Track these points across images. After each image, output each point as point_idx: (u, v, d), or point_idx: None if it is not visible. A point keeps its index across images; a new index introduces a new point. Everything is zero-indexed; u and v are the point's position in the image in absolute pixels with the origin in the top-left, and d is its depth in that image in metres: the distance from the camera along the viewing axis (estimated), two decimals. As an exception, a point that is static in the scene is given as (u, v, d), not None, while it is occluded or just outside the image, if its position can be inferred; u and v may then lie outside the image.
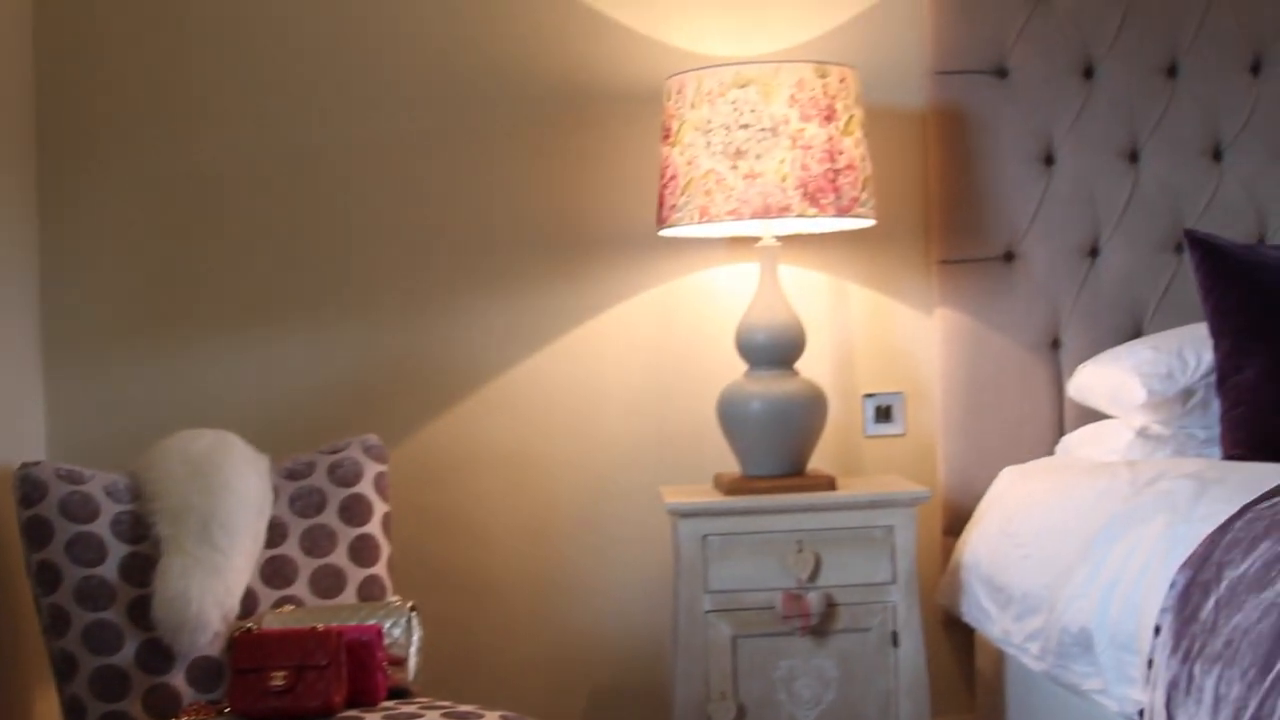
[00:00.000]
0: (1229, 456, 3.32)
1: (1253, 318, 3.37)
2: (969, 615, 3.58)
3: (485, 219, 3.80)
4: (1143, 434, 3.52)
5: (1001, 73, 3.83)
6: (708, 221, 3.37)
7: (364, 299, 3.78)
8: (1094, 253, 3.86)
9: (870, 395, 3.90)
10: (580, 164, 3.81)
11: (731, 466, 3.62)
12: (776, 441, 3.49)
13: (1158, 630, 2.56)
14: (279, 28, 3.76)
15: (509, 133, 3.81)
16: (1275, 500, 2.59)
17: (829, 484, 3.48)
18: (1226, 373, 3.37)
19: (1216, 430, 3.41)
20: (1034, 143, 3.83)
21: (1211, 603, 2.43)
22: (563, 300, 3.82)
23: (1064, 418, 3.83)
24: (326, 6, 3.77)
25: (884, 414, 3.91)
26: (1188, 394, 3.49)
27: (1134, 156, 3.88)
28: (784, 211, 3.34)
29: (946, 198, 3.82)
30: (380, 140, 3.78)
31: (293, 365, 3.76)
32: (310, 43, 3.77)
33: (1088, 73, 3.87)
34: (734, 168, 3.34)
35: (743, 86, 3.36)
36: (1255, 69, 3.93)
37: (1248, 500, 2.65)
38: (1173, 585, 2.57)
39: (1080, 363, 3.73)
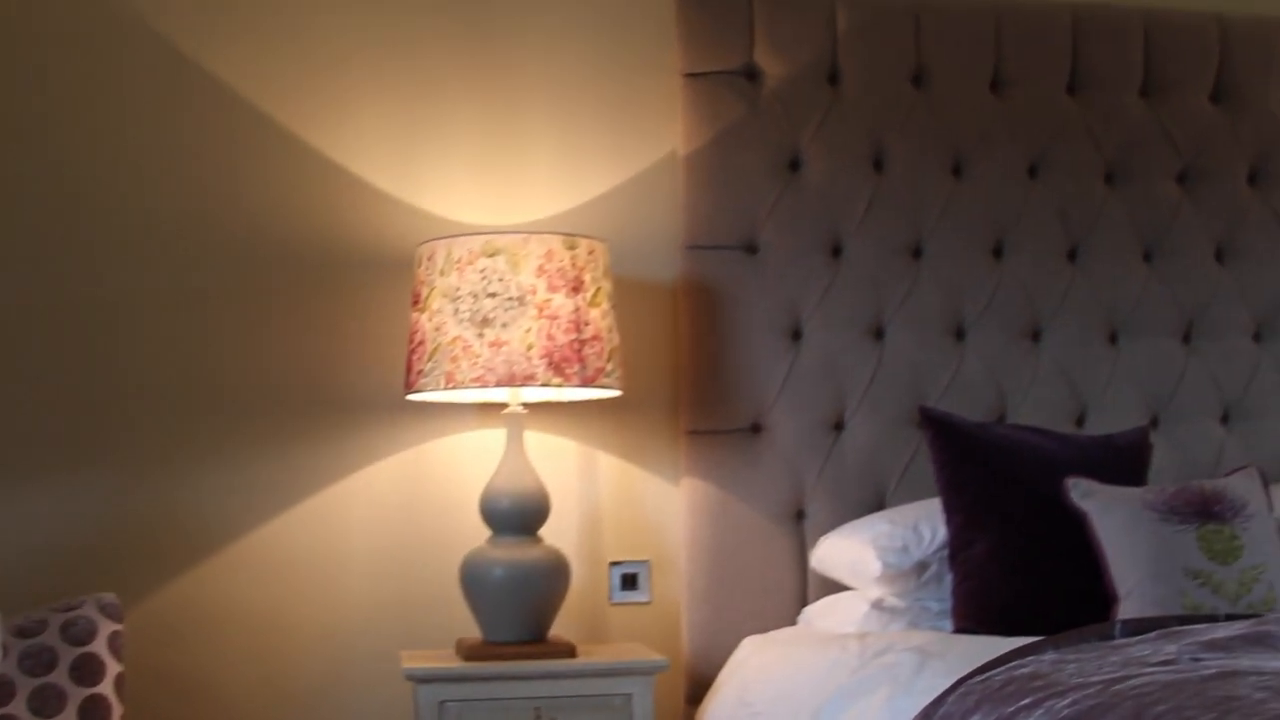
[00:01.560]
0: (959, 630, 3.47)
1: (983, 494, 3.55)
2: (709, 784, 3.66)
3: (236, 377, 3.83)
4: (878, 606, 3.65)
5: (752, 249, 3.99)
6: (453, 388, 3.45)
7: (109, 453, 3.77)
8: (839, 426, 4.01)
9: (616, 563, 3.99)
10: (333, 326, 3.86)
11: (475, 632, 3.67)
12: (518, 608, 3.56)
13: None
14: (49, 172, 3.77)
15: (265, 291, 3.85)
16: (989, 674, 2.71)
17: (569, 651, 3.55)
18: (958, 547, 3.53)
19: (950, 603, 3.56)
20: (783, 317, 3.99)
21: (922, 775, 2.55)
22: (310, 461, 3.85)
23: (807, 588, 3.95)
24: (90, 154, 3.79)
25: (630, 581, 4.00)
26: (922, 567, 3.63)
27: (879, 333, 4.06)
28: (529, 380, 3.44)
29: (696, 370, 3.95)
30: (137, 293, 3.79)
31: (31, 518, 3.72)
32: (76, 187, 3.77)
33: (836, 251, 4.05)
34: (480, 335, 3.44)
35: (492, 255, 3.47)
36: (997, 252, 4.15)
37: (964, 673, 2.78)
38: (889, 758, 2.68)
39: (823, 534, 3.87)
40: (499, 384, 3.44)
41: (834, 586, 3.86)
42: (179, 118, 3.84)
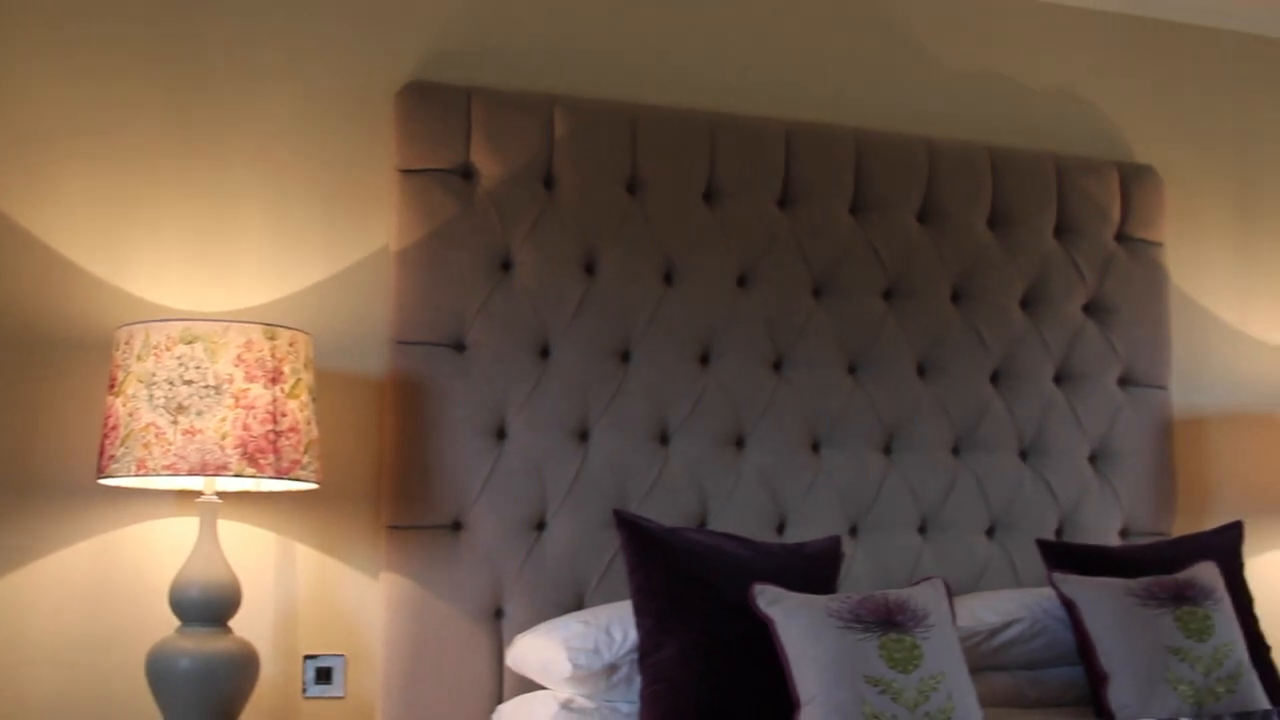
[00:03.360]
0: (645, 732, 3.58)
1: (673, 598, 3.67)
2: None
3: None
4: (567, 707, 3.73)
5: (460, 346, 4.08)
6: (144, 474, 3.48)
7: None
8: (541, 526, 4.10)
9: (311, 656, 4.02)
10: (29, 406, 3.83)
11: (161, 725, 3.67)
12: (203, 700, 3.55)
13: None
14: None
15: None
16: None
17: (254, 746, 3.58)
18: (647, 650, 3.65)
19: (639, 706, 3.67)
20: (488, 416, 4.08)
21: None
22: (-1, 543, 3.82)
23: (503, 687, 4.02)
24: None
25: (324, 675, 4.03)
26: (613, 669, 3.73)
27: (584, 435, 4.17)
28: (221, 469, 3.48)
29: (398, 464, 4.01)
30: None
31: None
32: None
33: (544, 352, 4.16)
34: (174, 422, 3.47)
35: (190, 343, 3.51)
36: (704, 359, 4.30)
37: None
38: None
39: (521, 633, 3.95)
40: (191, 472, 3.47)
41: (532, 685, 3.93)
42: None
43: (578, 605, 4.08)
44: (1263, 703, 3.99)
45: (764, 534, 4.25)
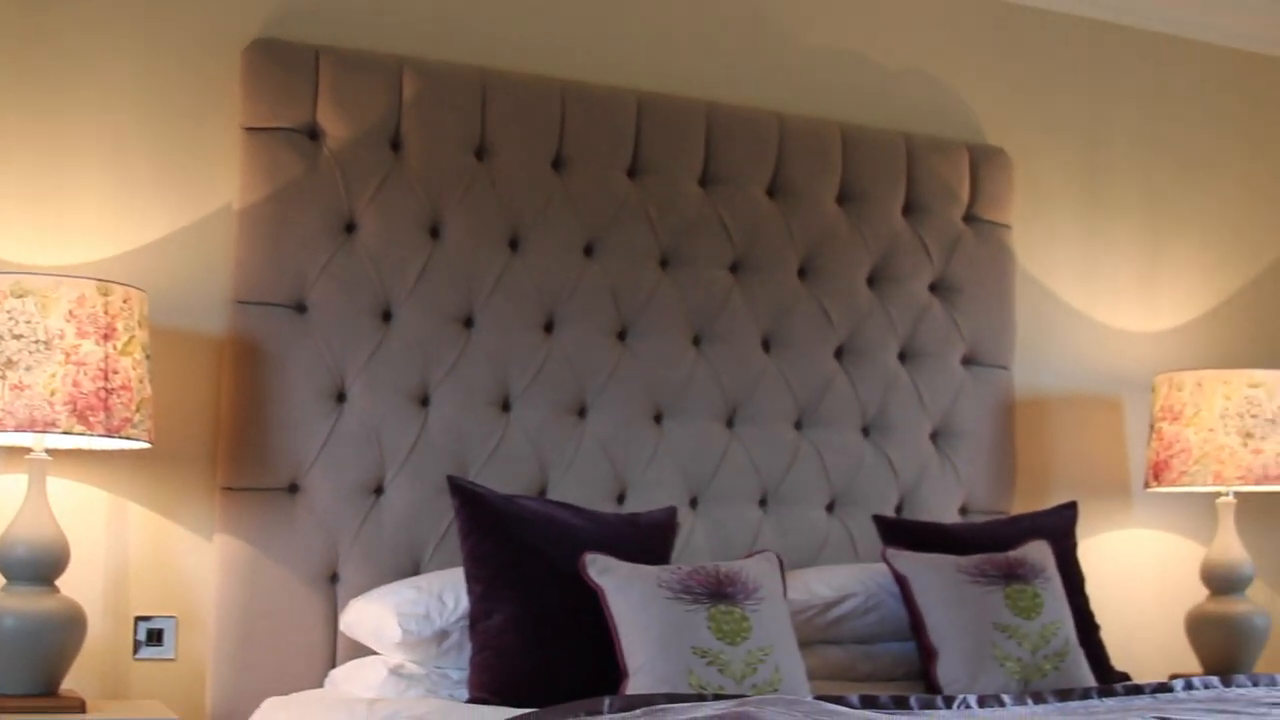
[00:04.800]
0: (474, 699, 3.61)
1: (504, 565, 3.71)
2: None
3: None
4: (397, 672, 3.76)
5: (301, 308, 4.08)
6: (-29, 430, 3.47)
7: None
8: (379, 490, 4.13)
9: (143, 618, 4.02)
10: None
11: (-13, 682, 3.66)
12: (28, 659, 3.55)
13: None
14: None
15: None
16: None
17: (78, 706, 3.56)
18: (477, 617, 3.69)
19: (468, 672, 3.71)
20: (327, 378, 4.09)
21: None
22: None
23: (338, 652, 4.05)
24: None
25: (155, 637, 4.03)
26: (444, 635, 3.76)
27: (425, 400, 4.20)
28: (50, 426, 3.47)
29: (235, 425, 4.01)
30: None
31: None
32: None
33: (386, 315, 4.18)
34: (3, 378, 3.46)
35: (20, 296, 3.50)
36: (548, 327, 4.34)
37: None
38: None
39: (355, 598, 3.98)
40: (19, 429, 3.46)
41: (366, 650, 3.96)
42: None
43: (415, 571, 4.11)
44: (1089, 680, 4.11)
45: (604, 504, 4.30)
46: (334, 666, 4.02)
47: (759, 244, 4.64)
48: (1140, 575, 5.32)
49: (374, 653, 3.92)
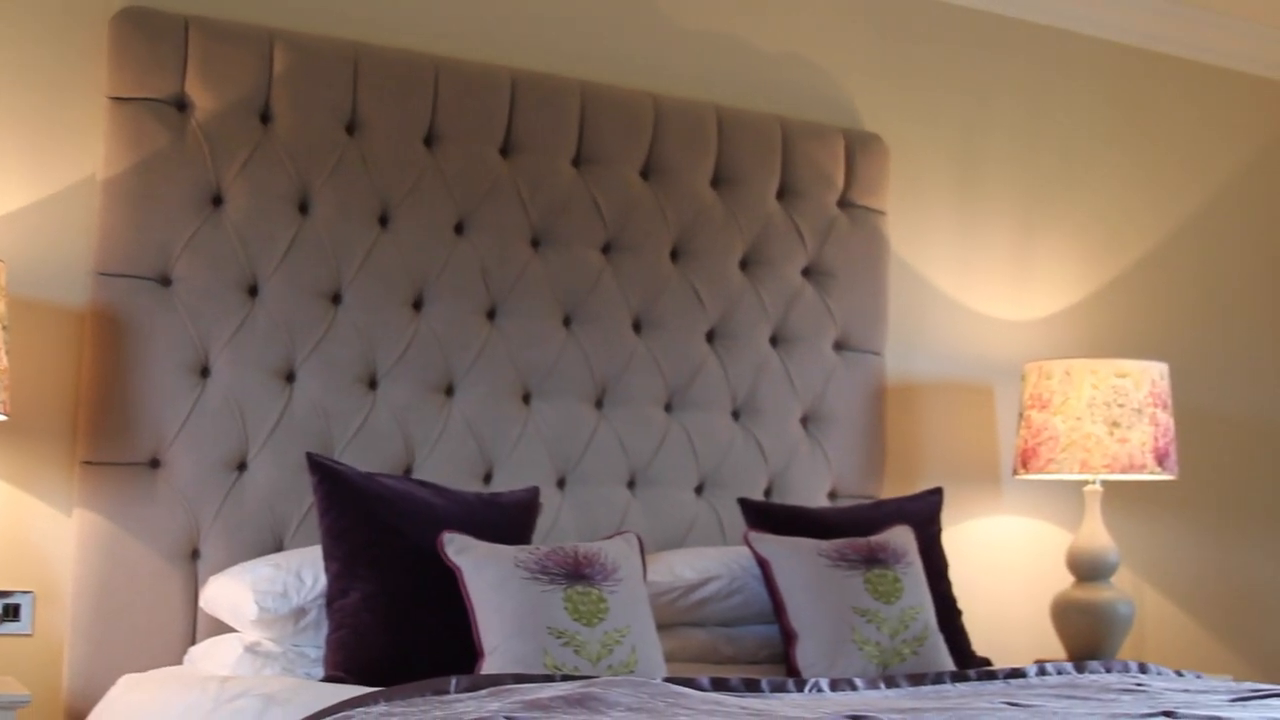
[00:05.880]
0: (329, 678, 3.61)
1: (362, 544, 3.72)
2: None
3: None
4: (253, 650, 3.76)
5: (165, 281, 4.06)
6: None
7: None
8: (242, 467, 4.12)
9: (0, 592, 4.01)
10: None
11: None
12: (-125, 633, 3.55)
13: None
14: None
15: None
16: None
17: (-73, 681, 3.56)
18: (334, 595, 3.70)
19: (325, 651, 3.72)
20: (191, 353, 4.07)
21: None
22: None
23: (198, 629, 4.04)
24: None
25: (12, 612, 4.00)
26: (301, 613, 3.77)
27: (290, 376, 4.19)
28: (-100, 397, 3.45)
29: (95, 399, 3.99)
30: None
31: None
32: None
33: (252, 290, 4.16)
34: None
35: (-128, 265, 3.48)
36: (417, 305, 4.35)
37: (301, 720, 2.95)
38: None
39: (215, 575, 3.97)
40: None
41: (226, 628, 3.95)
42: None
43: (277, 548, 4.11)
44: (947, 665, 4.17)
45: (471, 483, 4.32)
46: (194, 644, 4.01)
47: (631, 225, 4.67)
48: (1008, 561, 5.40)
49: (234, 630, 3.91)
